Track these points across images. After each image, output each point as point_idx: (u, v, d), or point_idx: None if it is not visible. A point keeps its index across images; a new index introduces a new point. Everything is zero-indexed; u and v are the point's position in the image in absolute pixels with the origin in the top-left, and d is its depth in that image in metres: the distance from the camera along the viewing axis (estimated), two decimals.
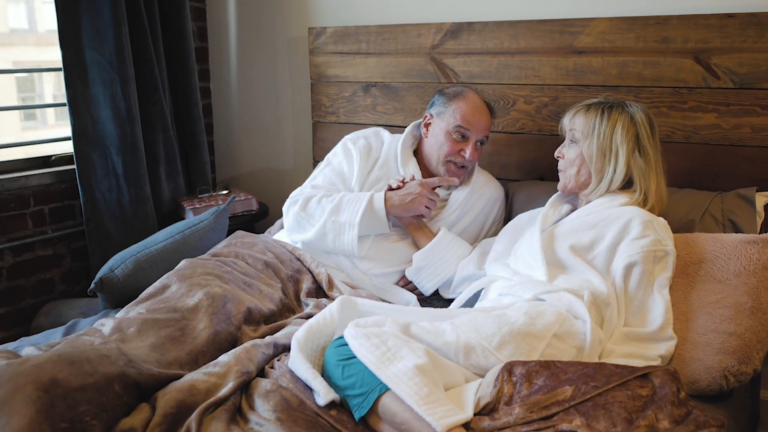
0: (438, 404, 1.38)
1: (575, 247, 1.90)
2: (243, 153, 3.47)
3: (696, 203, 2.13)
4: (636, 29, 2.29)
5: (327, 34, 2.90)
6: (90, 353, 1.44)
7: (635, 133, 1.94)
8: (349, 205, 2.21)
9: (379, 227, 2.23)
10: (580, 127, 1.99)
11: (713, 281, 1.83)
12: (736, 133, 2.20)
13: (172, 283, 1.89)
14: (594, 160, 1.96)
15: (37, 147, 3.02)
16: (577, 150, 2.01)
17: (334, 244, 2.22)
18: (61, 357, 1.39)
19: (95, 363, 1.42)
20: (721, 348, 1.70)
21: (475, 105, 2.27)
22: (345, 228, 2.19)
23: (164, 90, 3.00)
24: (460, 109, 2.25)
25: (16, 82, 3.89)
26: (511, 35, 2.50)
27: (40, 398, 1.29)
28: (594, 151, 1.95)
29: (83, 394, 1.36)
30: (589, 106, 2.01)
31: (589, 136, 1.97)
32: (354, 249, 2.20)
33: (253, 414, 1.48)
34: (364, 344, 1.50)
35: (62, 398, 1.32)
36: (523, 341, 1.59)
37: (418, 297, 2.23)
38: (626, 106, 1.99)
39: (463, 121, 2.24)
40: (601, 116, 1.96)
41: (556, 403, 1.41)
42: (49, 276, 2.93)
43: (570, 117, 2.04)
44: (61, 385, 1.33)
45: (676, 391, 1.40)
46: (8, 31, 3.58)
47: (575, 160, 2.01)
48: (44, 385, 1.31)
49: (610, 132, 1.94)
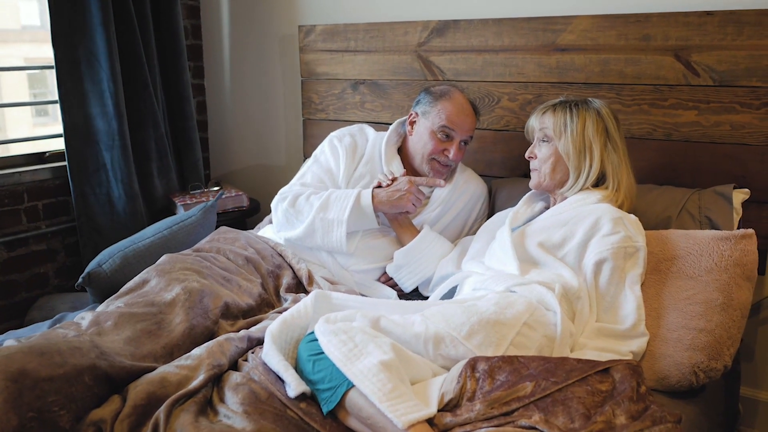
0: (401, 400, 1.40)
1: (545, 245, 1.92)
2: (236, 149, 3.50)
3: (673, 200, 2.14)
4: (617, 27, 2.30)
5: (316, 32, 2.92)
6: (61, 345, 1.48)
7: (604, 127, 1.98)
8: (337, 202, 2.23)
9: (366, 223, 2.25)
10: (550, 125, 2.02)
11: (685, 278, 1.84)
12: (716, 131, 2.20)
13: (152, 278, 1.93)
14: (571, 156, 1.98)
15: (37, 142, 3.07)
16: (550, 148, 2.02)
17: (323, 241, 2.24)
18: (32, 348, 1.42)
19: (66, 354, 1.45)
20: (691, 344, 1.72)
21: (460, 106, 2.28)
22: (333, 225, 2.21)
23: (156, 87, 3.04)
24: (446, 109, 2.27)
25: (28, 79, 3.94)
26: (496, 33, 2.51)
27: (7, 388, 1.32)
28: (570, 148, 1.98)
29: (52, 384, 1.39)
30: (555, 106, 2.04)
31: (563, 133, 1.99)
32: (342, 246, 2.22)
33: (223, 406, 1.51)
34: (332, 341, 1.53)
35: (30, 388, 1.36)
36: (492, 330, 1.61)
37: (399, 293, 2.25)
38: (589, 102, 2.03)
39: (448, 121, 2.26)
40: (570, 114, 1.99)
41: (516, 399, 1.43)
42: (43, 270, 2.97)
43: (538, 117, 2.07)
44: (29, 376, 1.36)
45: (635, 386, 1.42)
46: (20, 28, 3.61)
47: (549, 157, 2.02)
48: (12, 375, 1.34)
49: (581, 128, 1.97)
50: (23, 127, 3.71)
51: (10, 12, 3.52)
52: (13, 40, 3.74)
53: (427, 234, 2.25)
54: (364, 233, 2.30)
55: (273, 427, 1.42)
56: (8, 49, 3.68)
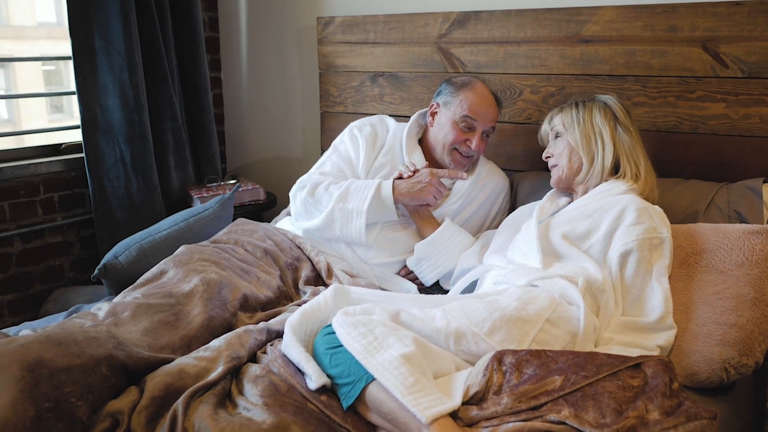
0: (424, 394, 1.37)
1: (569, 236, 1.88)
2: (252, 143, 3.48)
3: (701, 194, 2.09)
4: (644, 18, 2.25)
5: (335, 24, 2.89)
6: (78, 335, 1.45)
7: (612, 114, 2.02)
8: (356, 193, 2.20)
9: (386, 215, 2.22)
10: (559, 121, 2.06)
11: (714, 272, 1.80)
12: (744, 124, 2.15)
13: (169, 269, 1.90)
14: (581, 144, 2.00)
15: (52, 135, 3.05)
16: (563, 142, 2.05)
17: (342, 232, 2.20)
18: (49, 338, 1.39)
19: (83, 345, 1.42)
20: (721, 339, 1.67)
21: (483, 96, 2.25)
22: (353, 215, 2.18)
23: (173, 79, 3.01)
24: (468, 99, 2.23)
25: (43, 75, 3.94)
26: (518, 24, 2.47)
27: (24, 377, 1.30)
28: (578, 136, 2.01)
29: (69, 374, 1.36)
30: (562, 107, 2.10)
31: (571, 125, 2.03)
32: (362, 237, 2.18)
33: (242, 399, 1.48)
34: (351, 333, 1.49)
35: (47, 378, 1.33)
36: (514, 326, 1.57)
37: (418, 287, 2.21)
38: (597, 97, 2.08)
39: (470, 111, 2.22)
40: (577, 108, 2.05)
41: (544, 393, 1.39)
42: (59, 263, 2.96)
43: (548, 121, 2.13)
44: (46, 365, 1.34)
45: (668, 382, 1.38)
46: (36, 25, 3.61)
47: (564, 150, 2.04)
48: (29, 365, 1.31)
49: (589, 117, 2.01)
50: (38, 123, 3.72)
51: (26, 9, 3.52)
52: (28, 37, 3.74)
53: (449, 226, 2.21)
54: (384, 225, 2.26)
55: (294, 419, 1.38)
56: (24, 45, 3.70)
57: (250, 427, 1.35)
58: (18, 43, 3.57)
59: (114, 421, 1.41)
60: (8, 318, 2.83)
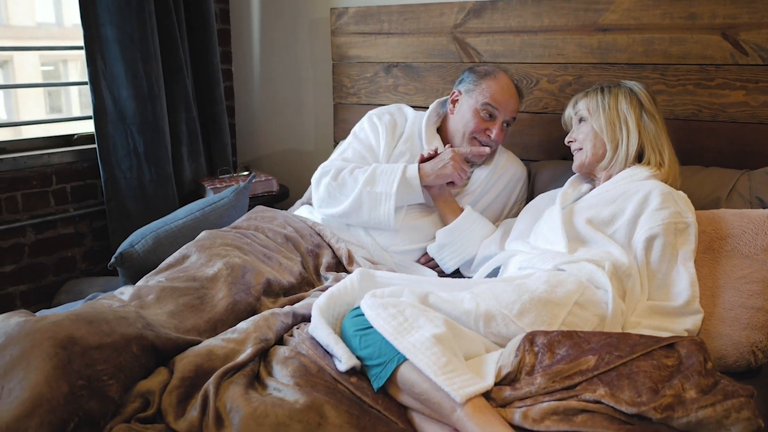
0: (457, 374, 1.36)
1: (593, 221, 1.87)
2: (264, 135, 3.47)
3: (722, 181, 2.09)
4: (662, 5, 2.25)
5: (349, 14, 2.88)
6: (108, 314, 1.44)
7: (638, 101, 2.00)
8: (383, 176, 2.19)
9: (413, 197, 2.21)
10: (584, 106, 2.05)
11: (740, 256, 1.79)
12: (764, 111, 2.15)
13: (192, 253, 1.89)
14: (605, 130, 1.99)
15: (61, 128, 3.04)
16: (587, 127, 2.04)
17: (370, 216, 2.19)
18: (79, 316, 1.38)
19: (113, 323, 1.42)
20: (748, 323, 1.67)
21: (505, 85, 2.25)
22: (381, 198, 2.17)
23: (187, 70, 3.00)
24: (490, 88, 2.23)
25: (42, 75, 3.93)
26: (535, 13, 2.47)
27: (57, 354, 1.28)
28: (603, 122, 1.99)
29: (101, 353, 1.35)
30: (587, 92, 2.08)
31: (596, 111, 2.01)
32: (390, 220, 2.17)
33: (271, 380, 1.47)
34: (381, 314, 1.48)
35: (79, 356, 1.32)
36: (544, 309, 1.57)
37: (438, 275, 2.21)
38: (622, 83, 2.06)
39: (492, 99, 2.22)
40: (602, 93, 2.03)
41: (578, 373, 1.38)
42: (71, 254, 2.95)
43: (572, 105, 2.11)
44: (78, 343, 1.32)
45: (702, 361, 1.37)
46: (35, 25, 3.60)
47: (587, 135, 2.03)
48: (61, 342, 1.30)
49: (614, 103, 1.99)
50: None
51: (26, 9, 3.51)
52: (28, 37, 3.73)
53: (470, 213, 2.21)
54: (406, 213, 2.25)
55: (326, 399, 1.38)
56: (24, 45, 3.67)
57: (283, 406, 1.34)
58: (17, 44, 3.55)
59: (144, 401, 1.40)
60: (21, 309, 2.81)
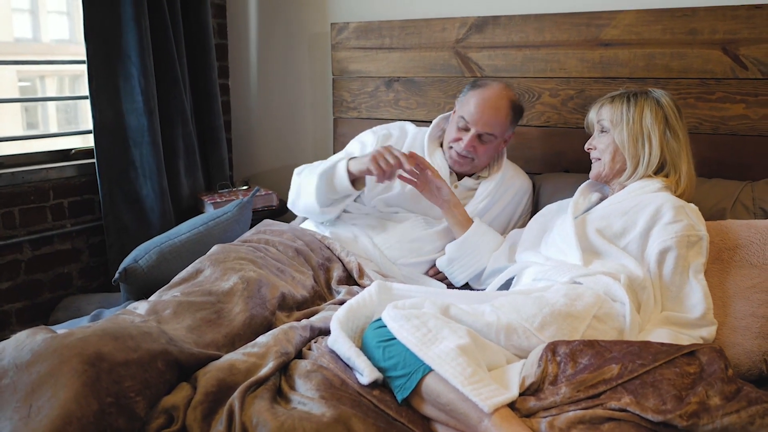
0: (483, 384, 1.37)
1: (605, 233, 1.88)
2: (261, 150, 3.47)
3: (726, 192, 2.13)
4: (663, 21, 2.29)
5: (350, 30, 2.90)
6: (132, 330, 1.43)
7: (664, 116, 1.95)
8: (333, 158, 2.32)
9: (341, 181, 2.20)
10: (608, 116, 2.00)
11: (748, 266, 1.83)
12: (764, 124, 2.20)
13: (206, 268, 1.88)
14: (627, 146, 1.96)
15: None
16: (608, 138, 2.01)
17: (329, 187, 2.23)
18: (105, 332, 1.37)
19: (138, 339, 1.41)
20: (760, 332, 1.70)
21: (485, 99, 2.23)
22: (336, 166, 2.22)
23: (184, 84, 3.00)
24: (469, 102, 2.25)
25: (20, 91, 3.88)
26: (537, 29, 2.50)
27: (86, 371, 1.27)
28: (626, 137, 1.96)
29: (127, 369, 1.34)
30: (614, 97, 2.03)
31: (619, 123, 1.97)
32: (344, 180, 2.17)
33: (295, 394, 1.47)
34: (404, 326, 1.49)
35: (107, 372, 1.30)
36: (564, 322, 1.58)
37: (447, 287, 2.21)
38: (650, 92, 2.01)
39: (465, 111, 2.24)
40: (628, 103, 1.98)
41: (602, 382, 1.39)
42: (67, 270, 2.92)
43: (596, 110, 2.06)
44: (106, 359, 1.31)
45: (724, 368, 1.39)
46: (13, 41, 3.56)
47: (608, 147, 2.01)
48: (90, 358, 1.29)
49: (639, 117, 1.95)
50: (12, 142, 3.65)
51: (2, 24, 3.47)
52: (6, 53, 3.69)
53: (479, 226, 2.22)
54: (408, 225, 2.27)
55: (354, 411, 1.38)
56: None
57: (310, 420, 1.34)
58: None
59: (168, 417, 1.39)
60: (16, 327, 2.77)
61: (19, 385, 1.26)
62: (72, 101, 3.25)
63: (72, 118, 3.34)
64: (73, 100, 3.21)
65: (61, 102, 3.28)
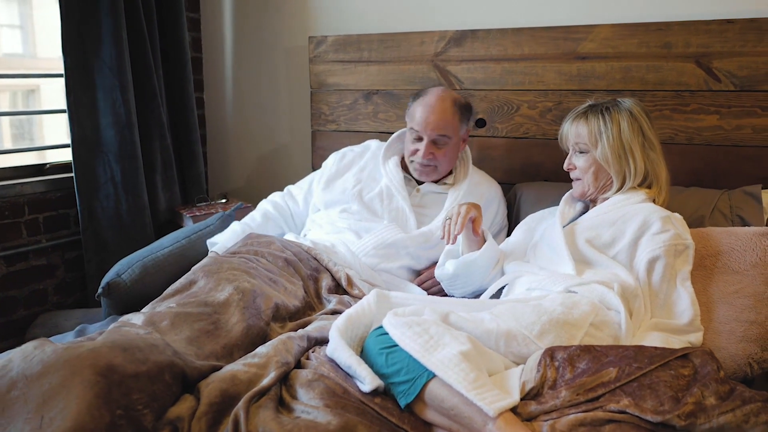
0: (486, 389, 1.40)
1: (594, 243, 1.93)
2: (237, 164, 3.46)
3: (704, 200, 2.19)
4: (638, 35, 2.37)
5: (328, 43, 2.92)
6: (139, 342, 1.42)
7: (639, 127, 1.98)
8: None
9: None
10: (585, 135, 2.02)
11: (731, 272, 1.88)
12: (737, 134, 2.28)
13: (199, 279, 1.88)
14: (611, 162, 1.98)
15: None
16: (588, 158, 2.03)
17: None
18: (114, 343, 1.36)
19: (146, 351, 1.40)
20: (743, 336, 1.75)
21: (428, 104, 2.29)
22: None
23: (162, 98, 2.99)
24: (413, 113, 2.32)
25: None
26: (515, 42, 2.56)
27: (98, 382, 1.26)
28: (609, 154, 1.98)
29: (137, 381, 1.34)
30: (586, 113, 2.04)
31: (599, 141, 1.99)
32: None
33: (297, 403, 1.47)
34: (406, 333, 1.51)
35: (117, 384, 1.30)
36: (562, 330, 1.62)
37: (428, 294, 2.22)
38: (620, 103, 2.03)
39: (414, 123, 2.30)
40: (603, 119, 1.99)
41: (601, 385, 1.43)
42: (43, 287, 2.87)
43: (570, 126, 2.07)
44: (117, 371, 1.31)
45: (716, 369, 1.44)
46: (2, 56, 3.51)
47: (590, 167, 2.02)
48: (102, 370, 1.29)
49: (617, 133, 1.97)
50: None
51: None
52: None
53: (492, 246, 2.08)
54: (380, 231, 2.31)
55: (359, 419, 1.39)
56: None
57: (317, 428, 1.35)
58: None
59: (173, 428, 1.38)
60: None
61: (29, 397, 1.24)
62: (26, 117, 3.22)
63: (27, 134, 3.30)
64: (27, 116, 3.20)
65: (15, 117, 3.24)
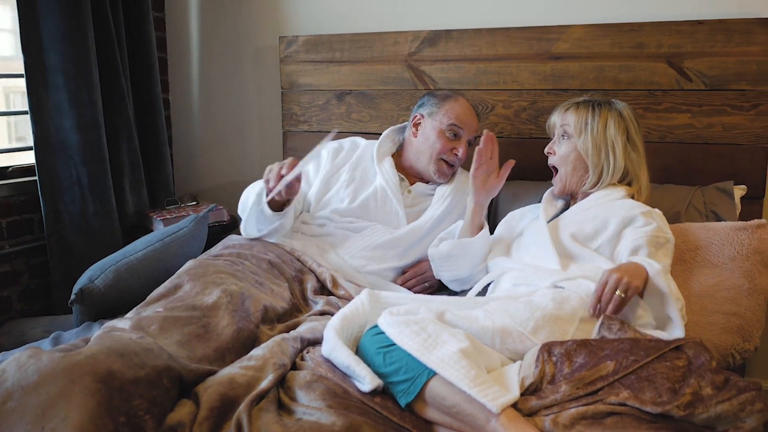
0: (487, 385, 1.40)
1: (577, 237, 1.95)
2: (205, 165, 3.40)
3: (678, 197, 2.24)
4: (611, 35, 2.41)
5: (299, 43, 2.90)
6: (134, 346, 1.39)
7: (625, 128, 2.03)
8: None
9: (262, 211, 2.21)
10: (572, 122, 2.06)
11: (710, 266, 1.93)
12: (708, 132, 2.34)
13: (185, 282, 1.84)
14: (590, 154, 2.02)
15: None
16: (570, 145, 2.06)
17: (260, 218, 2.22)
18: (111, 349, 1.33)
19: (142, 356, 1.37)
20: (725, 327, 1.80)
21: (466, 106, 2.36)
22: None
23: (129, 99, 2.92)
24: (454, 109, 2.32)
25: None
26: (489, 42, 2.58)
27: (99, 390, 1.23)
28: (589, 146, 2.02)
29: (136, 387, 1.31)
30: (579, 104, 2.09)
31: (583, 131, 2.03)
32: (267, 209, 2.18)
33: (298, 405, 1.46)
34: (403, 331, 1.51)
35: (118, 391, 1.27)
36: (555, 325, 1.64)
37: None
38: (613, 103, 2.08)
39: (457, 119, 2.31)
40: (593, 112, 2.04)
41: (600, 378, 1.45)
42: (6, 294, 2.77)
43: (560, 114, 2.11)
44: (116, 377, 1.28)
45: (709, 360, 1.47)
46: None
47: (569, 155, 2.06)
48: (101, 377, 1.25)
49: (602, 127, 2.02)
50: None
51: None
52: None
53: (486, 235, 2.15)
54: (368, 234, 2.29)
55: (363, 419, 1.38)
56: None
57: (321, 430, 1.34)
58: None
59: None
60: None
61: (27, 408, 1.20)
62: None
63: None
64: None
65: None
